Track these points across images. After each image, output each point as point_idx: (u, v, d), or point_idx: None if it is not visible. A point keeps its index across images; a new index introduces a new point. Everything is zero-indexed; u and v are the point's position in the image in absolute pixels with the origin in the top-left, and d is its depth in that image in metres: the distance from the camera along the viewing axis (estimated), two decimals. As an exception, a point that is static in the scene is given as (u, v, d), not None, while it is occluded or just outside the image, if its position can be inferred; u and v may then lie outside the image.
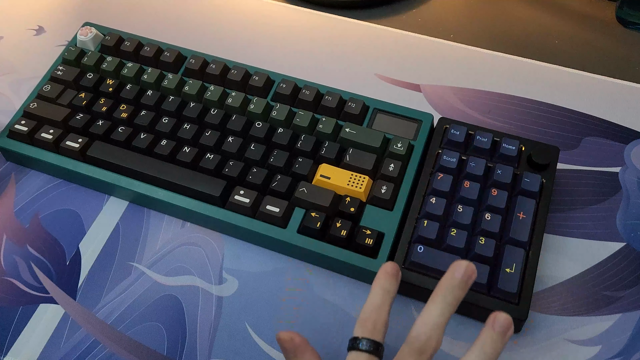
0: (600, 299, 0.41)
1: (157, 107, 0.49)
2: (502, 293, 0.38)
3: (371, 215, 0.42)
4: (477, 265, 0.38)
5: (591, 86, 0.53)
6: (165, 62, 0.51)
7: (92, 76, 0.51)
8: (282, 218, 0.42)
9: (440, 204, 0.41)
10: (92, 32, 0.53)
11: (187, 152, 0.45)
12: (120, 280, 0.43)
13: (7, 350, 0.41)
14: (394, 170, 0.43)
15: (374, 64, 0.56)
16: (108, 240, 0.45)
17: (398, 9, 0.62)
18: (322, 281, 0.43)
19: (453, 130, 0.45)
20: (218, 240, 0.45)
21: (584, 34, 0.59)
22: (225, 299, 0.42)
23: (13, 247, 0.45)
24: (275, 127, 0.47)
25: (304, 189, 0.43)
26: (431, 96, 0.53)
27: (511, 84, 0.53)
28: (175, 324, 0.41)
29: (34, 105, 0.49)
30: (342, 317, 0.41)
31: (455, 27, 0.60)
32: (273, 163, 0.44)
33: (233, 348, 0.40)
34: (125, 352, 0.40)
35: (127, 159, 0.46)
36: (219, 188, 0.43)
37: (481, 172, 0.42)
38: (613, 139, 0.49)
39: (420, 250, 0.39)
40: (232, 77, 0.49)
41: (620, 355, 0.38)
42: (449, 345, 0.39)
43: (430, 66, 0.55)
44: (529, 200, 0.41)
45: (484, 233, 0.40)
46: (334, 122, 0.46)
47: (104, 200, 0.48)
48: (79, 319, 0.42)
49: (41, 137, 0.47)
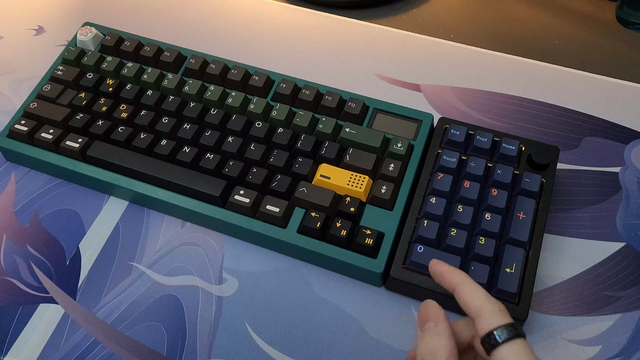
0: (600, 299, 0.41)
1: (157, 107, 0.49)
2: (502, 293, 0.38)
3: (371, 215, 0.42)
4: (477, 265, 0.38)
5: (591, 86, 0.53)
6: (165, 62, 0.51)
7: (92, 76, 0.51)
8: (282, 218, 0.42)
9: (440, 204, 0.41)
10: (92, 32, 0.53)
11: (187, 152, 0.45)
12: (120, 280, 0.43)
13: (7, 350, 0.41)
14: (394, 170, 0.43)
15: (374, 64, 0.56)
16: (108, 240, 0.45)
17: (398, 9, 0.62)
18: (322, 281, 0.43)
19: (453, 130, 0.45)
20: (218, 240, 0.45)
21: (584, 34, 0.59)
22: (225, 299, 0.42)
23: (13, 247, 0.45)
24: (275, 127, 0.47)
25: (304, 189, 0.43)
26: (431, 96, 0.53)
27: (511, 84, 0.53)
28: (175, 324, 0.41)
29: (34, 105, 0.49)
30: (342, 317, 0.41)
31: (455, 27, 0.60)
32: (273, 163, 0.44)
33: (233, 348, 0.40)
34: (125, 352, 0.40)
35: (127, 159, 0.46)
36: (219, 188, 0.43)
37: (481, 172, 0.42)
38: (613, 139, 0.49)
39: (420, 250, 0.39)
40: (232, 77, 0.49)
41: (620, 355, 0.38)
42: (449, 345, 0.39)
43: (430, 66, 0.55)
44: (529, 200, 0.41)
45: (484, 233, 0.40)
46: (334, 122, 0.46)
47: (104, 200, 0.48)
48: (79, 318, 0.42)
49: (41, 137, 0.47)
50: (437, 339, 0.30)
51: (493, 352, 0.28)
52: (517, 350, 0.28)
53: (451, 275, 0.32)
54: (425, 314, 0.31)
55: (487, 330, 0.28)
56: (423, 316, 0.31)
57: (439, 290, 0.38)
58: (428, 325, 0.31)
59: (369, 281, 0.42)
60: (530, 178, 0.41)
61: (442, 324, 0.30)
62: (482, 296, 0.30)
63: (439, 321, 0.31)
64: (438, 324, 0.30)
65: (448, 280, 0.32)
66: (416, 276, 0.39)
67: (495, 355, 0.28)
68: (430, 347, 0.30)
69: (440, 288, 0.38)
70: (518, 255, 0.39)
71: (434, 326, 0.30)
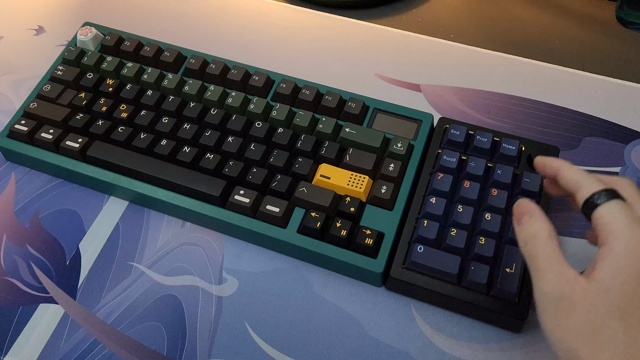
0: (600, 299, 0.41)
1: (157, 107, 0.49)
2: (502, 293, 0.38)
3: (371, 215, 0.42)
4: (477, 265, 0.38)
5: (591, 86, 0.53)
6: (165, 62, 0.51)
7: (92, 76, 0.51)
8: (282, 218, 0.42)
9: (440, 204, 0.41)
10: (92, 32, 0.53)
11: (187, 152, 0.45)
12: (120, 280, 0.43)
13: (7, 350, 0.41)
14: (394, 170, 0.43)
15: (374, 64, 0.56)
16: (108, 240, 0.45)
17: (398, 9, 0.62)
18: (322, 281, 0.43)
19: (453, 130, 0.45)
20: (218, 240, 0.45)
21: (584, 34, 0.59)
22: (225, 299, 0.42)
23: (13, 247, 0.45)
24: (275, 127, 0.47)
25: (304, 189, 0.43)
26: (431, 96, 0.53)
27: (511, 84, 0.53)
28: (175, 324, 0.41)
29: (34, 105, 0.49)
30: (342, 317, 0.41)
31: (455, 27, 0.60)
32: (273, 163, 0.44)
33: (233, 348, 0.40)
34: (125, 352, 0.40)
35: (127, 159, 0.46)
36: (219, 188, 0.43)
37: (481, 172, 0.42)
38: (613, 139, 0.49)
39: (420, 250, 0.39)
40: (232, 77, 0.49)
41: (620, 355, 0.38)
42: (449, 345, 0.39)
43: (430, 66, 0.55)
44: (529, 200, 0.41)
45: (484, 233, 0.40)
46: (334, 122, 0.46)
47: (104, 200, 0.48)
48: (79, 319, 0.42)
49: (41, 137, 0.47)
50: (535, 224, 0.31)
51: (592, 215, 0.29)
52: (613, 208, 0.29)
53: (552, 163, 0.34)
54: (520, 211, 0.33)
55: (586, 197, 0.30)
56: (518, 213, 0.33)
57: (439, 290, 0.39)
58: (524, 217, 0.32)
59: (369, 281, 0.42)
60: (530, 178, 0.41)
61: (537, 213, 0.32)
62: (581, 173, 0.32)
63: (534, 213, 0.32)
64: (533, 214, 0.32)
65: (550, 167, 0.34)
66: (416, 276, 0.39)
67: (594, 217, 0.29)
68: (530, 230, 0.31)
69: (440, 288, 0.39)
70: (518, 255, 0.39)
71: (530, 217, 0.32)
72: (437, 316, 0.40)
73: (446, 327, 0.40)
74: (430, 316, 0.41)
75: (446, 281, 0.39)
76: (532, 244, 0.31)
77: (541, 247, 0.30)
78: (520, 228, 0.32)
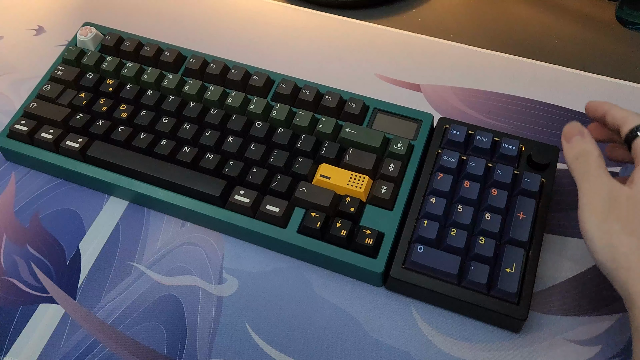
0: (600, 299, 0.41)
1: (157, 107, 0.49)
2: (502, 293, 0.38)
3: (371, 215, 0.42)
4: (477, 265, 0.38)
5: (591, 86, 0.53)
6: (165, 62, 0.51)
7: (92, 76, 0.51)
8: (282, 218, 0.42)
9: (440, 204, 0.41)
10: (92, 32, 0.53)
11: (187, 152, 0.45)
12: (120, 280, 0.43)
13: (7, 350, 0.41)
14: (394, 170, 0.43)
15: (374, 64, 0.56)
16: (108, 240, 0.46)
17: (398, 9, 0.62)
18: (322, 281, 0.43)
19: (453, 130, 0.45)
20: (218, 240, 0.45)
21: (584, 34, 0.59)
22: (225, 299, 0.42)
23: (13, 247, 0.45)
24: (275, 127, 0.47)
25: (304, 189, 0.43)
26: (431, 96, 0.53)
27: (511, 84, 0.53)
28: (175, 324, 0.41)
29: (34, 105, 0.49)
30: (342, 317, 0.41)
31: (455, 27, 0.60)
32: (273, 163, 0.44)
33: (233, 348, 0.40)
34: (125, 352, 0.40)
35: (127, 159, 0.46)
36: (219, 188, 0.43)
37: (481, 172, 0.42)
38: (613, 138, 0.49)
39: (420, 250, 0.39)
40: (232, 77, 0.49)
41: (620, 355, 0.38)
42: (449, 345, 0.39)
43: (430, 66, 0.55)
44: (529, 200, 0.41)
45: (484, 233, 0.40)
46: (334, 122, 0.46)
47: (104, 200, 0.48)
48: (79, 318, 0.42)
49: (41, 137, 0.47)
50: (587, 144, 0.36)
51: (633, 143, 0.35)
52: None
53: (602, 105, 0.39)
54: (571, 131, 0.37)
55: (631, 127, 0.35)
56: (569, 132, 0.37)
57: (439, 290, 0.39)
58: (575, 137, 0.36)
59: (369, 281, 0.42)
60: (530, 178, 0.41)
61: (588, 135, 0.36)
62: (627, 110, 0.37)
63: (585, 134, 0.36)
64: (585, 136, 0.36)
65: (601, 108, 0.39)
66: (416, 276, 0.39)
67: (634, 144, 0.35)
68: (582, 149, 0.36)
69: (440, 288, 0.39)
70: (518, 255, 0.39)
71: (581, 137, 0.36)
72: (437, 316, 0.41)
73: (446, 327, 0.40)
74: (430, 316, 0.41)
75: (446, 281, 0.39)
76: (584, 159, 0.35)
77: (593, 161, 0.35)
78: (570, 145, 0.36)
